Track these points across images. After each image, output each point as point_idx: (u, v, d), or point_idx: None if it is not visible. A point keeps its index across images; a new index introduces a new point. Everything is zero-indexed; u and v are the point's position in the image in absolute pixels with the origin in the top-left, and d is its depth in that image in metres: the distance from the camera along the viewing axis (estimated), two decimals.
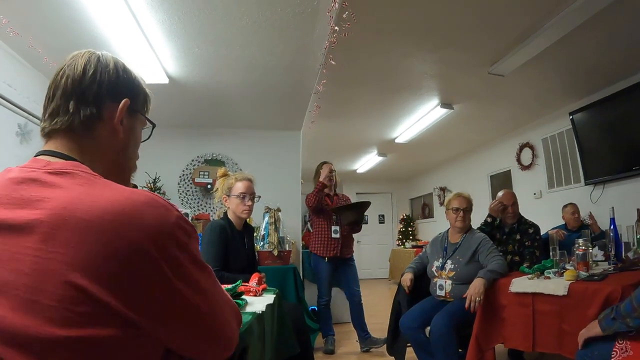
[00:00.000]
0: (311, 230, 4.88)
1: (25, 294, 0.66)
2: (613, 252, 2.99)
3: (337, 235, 4.51)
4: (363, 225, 4.94)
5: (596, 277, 2.40)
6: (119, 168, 1.00)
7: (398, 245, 11.61)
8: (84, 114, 0.92)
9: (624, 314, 1.75)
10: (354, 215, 4.50)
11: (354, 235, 4.84)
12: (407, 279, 3.45)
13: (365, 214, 4.85)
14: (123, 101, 0.96)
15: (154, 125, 1.09)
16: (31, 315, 0.65)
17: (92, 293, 0.66)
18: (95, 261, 0.67)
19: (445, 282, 3.27)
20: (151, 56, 3.69)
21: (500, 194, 4.02)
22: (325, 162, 4.82)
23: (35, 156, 0.92)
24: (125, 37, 3.35)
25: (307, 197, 4.63)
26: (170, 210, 0.80)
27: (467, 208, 3.45)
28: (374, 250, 12.31)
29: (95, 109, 0.93)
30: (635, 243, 3.45)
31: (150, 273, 0.72)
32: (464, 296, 2.89)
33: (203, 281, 0.83)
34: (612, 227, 3.04)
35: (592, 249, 2.90)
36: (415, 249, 9.63)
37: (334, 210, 4.52)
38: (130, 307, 0.69)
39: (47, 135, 0.95)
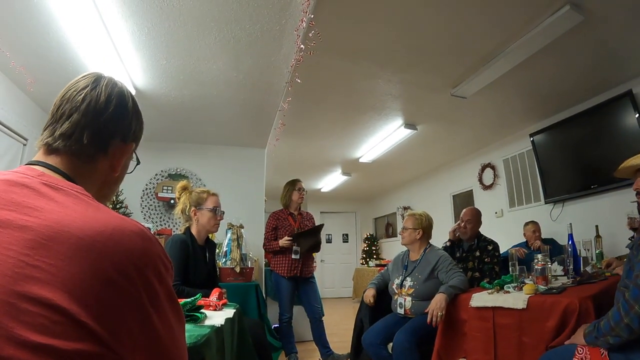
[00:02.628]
0: None
1: (1, 295, 0.64)
2: (571, 267, 3.06)
3: (297, 257, 4.49)
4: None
5: (554, 290, 2.46)
6: (101, 198, 1.03)
7: (362, 264, 11.61)
8: (94, 147, 0.97)
9: (604, 332, 1.78)
10: (311, 241, 4.48)
11: (316, 254, 4.82)
12: (369, 294, 3.47)
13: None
14: (132, 146, 1.04)
15: (138, 162, 1.15)
16: (5, 316, 0.63)
17: (70, 311, 0.66)
18: (81, 278, 0.68)
19: (405, 299, 3.28)
20: (119, 66, 3.65)
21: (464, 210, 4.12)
22: (296, 180, 4.79)
23: (27, 164, 0.92)
24: (94, 46, 3.31)
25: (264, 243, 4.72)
26: (155, 243, 0.82)
27: (407, 227, 3.53)
28: (337, 269, 12.28)
29: (105, 145, 0.99)
30: (594, 258, 3.54)
31: (129, 298, 0.73)
32: (426, 311, 2.91)
33: (172, 317, 0.84)
34: (570, 242, 3.12)
35: (551, 264, 2.96)
36: (378, 268, 9.66)
37: (292, 237, 4.48)
38: (106, 328, 0.69)
39: (48, 150, 0.95)
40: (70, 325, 0.65)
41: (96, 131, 0.96)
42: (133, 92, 4.02)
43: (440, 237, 3.82)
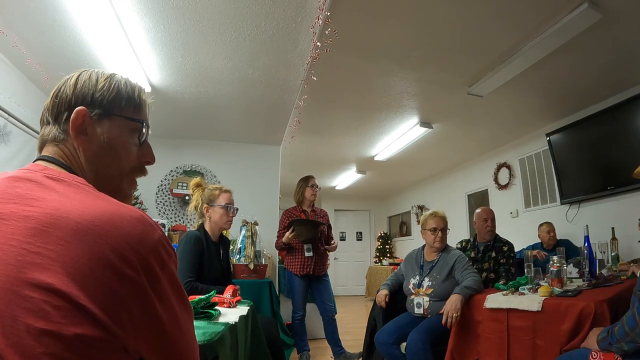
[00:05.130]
0: None
1: (5, 284, 0.66)
2: (587, 269, 3.02)
3: (311, 254, 4.49)
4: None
5: (570, 293, 2.43)
6: (101, 179, 1.00)
7: (375, 262, 11.59)
8: (56, 129, 0.98)
9: (618, 338, 1.75)
10: (310, 232, 4.45)
11: (330, 253, 4.81)
12: (382, 295, 3.45)
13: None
14: (75, 111, 0.97)
15: (140, 122, 1.07)
16: (10, 304, 0.65)
17: (70, 295, 0.67)
18: (80, 262, 0.69)
19: (423, 299, 3.26)
20: (135, 63, 3.68)
21: (478, 210, 4.07)
22: (309, 177, 4.76)
23: (34, 161, 0.96)
24: (109, 43, 3.35)
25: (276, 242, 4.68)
26: (156, 229, 0.82)
27: (444, 227, 3.45)
28: (351, 267, 12.28)
29: (58, 124, 0.99)
30: (610, 260, 3.50)
31: (129, 282, 0.73)
32: (441, 312, 2.90)
33: (176, 304, 0.84)
34: (586, 244, 3.08)
35: (566, 266, 2.93)
36: (392, 267, 9.64)
37: (291, 224, 4.47)
38: (106, 312, 0.69)
39: (42, 144, 1.00)
40: (70, 310, 0.66)
41: (51, 114, 0.99)
42: (148, 89, 4.12)
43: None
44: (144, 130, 1.08)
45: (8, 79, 3.75)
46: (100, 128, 1.00)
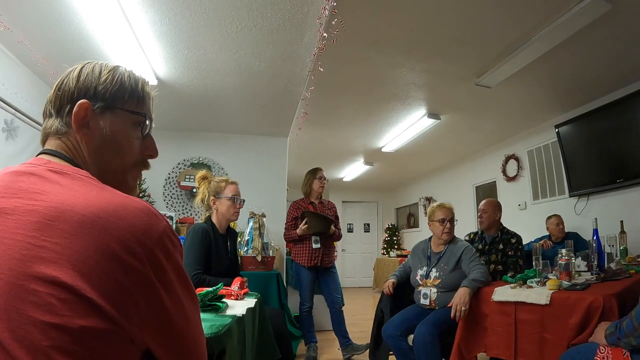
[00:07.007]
0: None
1: (10, 278, 0.66)
2: (596, 263, 3.00)
3: (318, 245, 4.49)
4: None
5: (578, 287, 2.41)
6: (104, 172, 1.00)
7: (383, 254, 11.60)
8: (59, 122, 0.98)
9: (626, 332, 1.74)
10: (319, 226, 4.47)
11: (337, 244, 4.81)
12: (389, 282, 3.49)
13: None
14: (77, 104, 0.96)
15: (143, 115, 1.06)
16: (15, 298, 0.65)
17: (76, 288, 0.67)
18: (85, 254, 0.69)
19: (430, 290, 3.26)
20: (140, 56, 3.67)
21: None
22: (317, 169, 4.76)
23: (37, 155, 0.96)
24: (115, 36, 3.34)
25: (284, 234, 4.70)
26: (161, 220, 0.82)
27: (452, 218, 3.44)
28: (358, 259, 12.29)
29: (60, 117, 0.98)
30: (619, 254, 3.47)
31: (135, 273, 0.73)
32: (449, 305, 2.89)
33: (182, 294, 0.84)
34: (595, 238, 3.05)
35: (575, 259, 2.91)
36: (399, 258, 9.64)
37: (303, 215, 4.49)
38: (112, 304, 0.70)
39: (45, 137, 1.00)
40: (76, 302, 0.67)
41: (54, 106, 0.99)
42: (154, 83, 4.12)
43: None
44: (147, 123, 1.08)
45: (14, 75, 3.76)
46: (102, 121, 0.99)
